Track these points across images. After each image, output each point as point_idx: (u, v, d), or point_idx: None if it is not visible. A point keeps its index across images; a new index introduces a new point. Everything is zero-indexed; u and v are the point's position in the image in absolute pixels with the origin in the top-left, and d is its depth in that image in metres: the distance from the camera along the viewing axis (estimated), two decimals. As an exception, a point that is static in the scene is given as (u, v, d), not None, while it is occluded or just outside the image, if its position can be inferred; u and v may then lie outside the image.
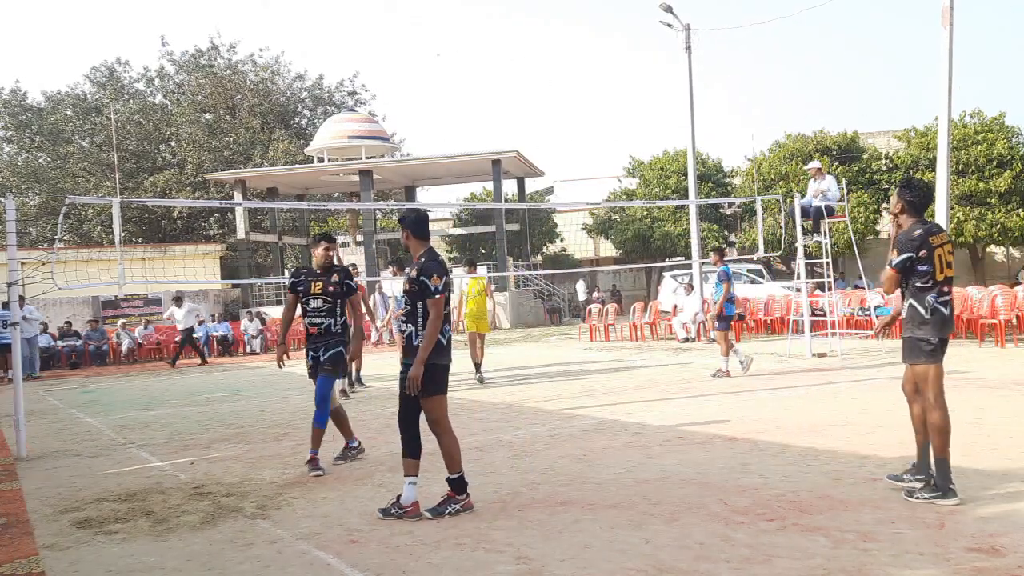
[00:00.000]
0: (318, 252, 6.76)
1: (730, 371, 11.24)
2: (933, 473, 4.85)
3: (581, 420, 8.30)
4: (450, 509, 5.01)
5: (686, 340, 18.15)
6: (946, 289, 4.89)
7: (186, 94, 43.17)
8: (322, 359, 6.58)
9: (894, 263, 4.90)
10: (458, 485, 5.07)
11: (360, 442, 7.04)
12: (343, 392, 10.44)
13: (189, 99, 42.41)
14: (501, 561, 4.18)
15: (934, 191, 4.96)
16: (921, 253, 4.81)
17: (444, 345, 5.04)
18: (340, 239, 34.68)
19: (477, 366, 12.11)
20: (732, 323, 11.69)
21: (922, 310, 4.86)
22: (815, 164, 14.41)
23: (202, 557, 4.52)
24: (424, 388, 4.96)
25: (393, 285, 11.14)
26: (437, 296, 4.94)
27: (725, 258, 11.78)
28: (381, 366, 16.40)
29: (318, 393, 6.55)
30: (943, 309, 4.86)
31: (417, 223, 5.21)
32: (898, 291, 5.05)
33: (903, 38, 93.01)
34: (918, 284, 4.87)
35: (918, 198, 5.00)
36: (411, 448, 5.10)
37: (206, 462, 7.18)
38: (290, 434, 8.44)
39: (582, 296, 32.03)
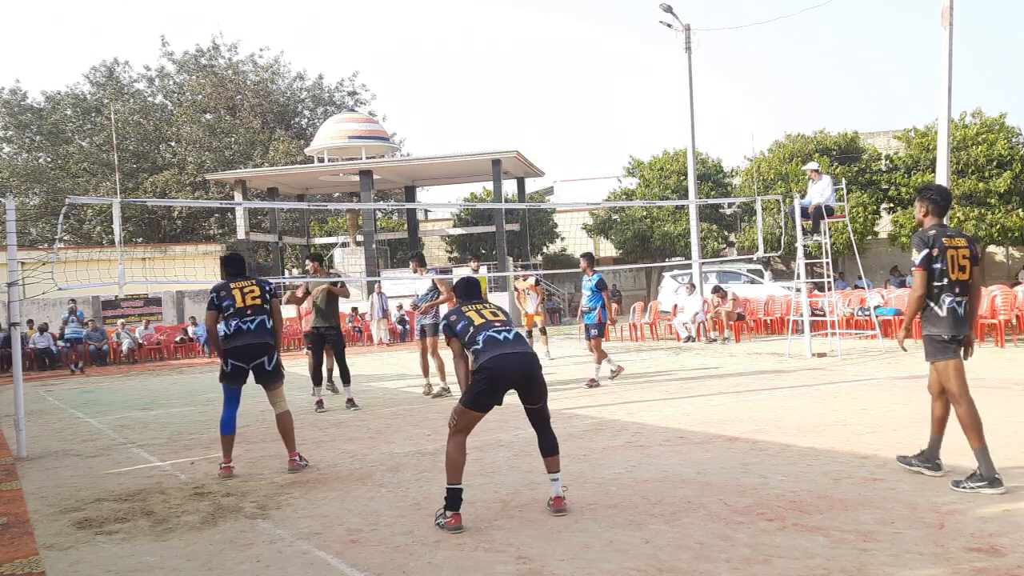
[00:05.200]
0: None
1: (599, 380, 10.99)
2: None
3: (581, 420, 8.30)
4: (438, 521, 4.81)
5: (688, 339, 18.15)
6: (958, 289, 5.06)
7: (186, 94, 43.18)
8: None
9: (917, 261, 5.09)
10: (448, 497, 4.81)
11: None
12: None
13: (189, 99, 42.42)
14: (501, 561, 4.18)
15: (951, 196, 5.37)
16: (935, 251, 5.01)
17: (481, 347, 4.92)
18: (340, 239, 34.74)
19: None
20: (606, 330, 11.43)
21: (937, 309, 5.07)
22: (812, 165, 14.42)
23: (202, 557, 4.52)
24: None
25: (416, 285, 11.06)
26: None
27: (596, 266, 11.24)
28: (380, 366, 16.40)
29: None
30: (958, 309, 5.06)
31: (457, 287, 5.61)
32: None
33: (903, 38, 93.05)
34: (934, 284, 5.06)
35: (943, 200, 5.23)
36: (541, 447, 5.12)
37: (206, 462, 7.18)
38: (290, 434, 8.43)
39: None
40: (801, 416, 7.82)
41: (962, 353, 5.15)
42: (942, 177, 16.04)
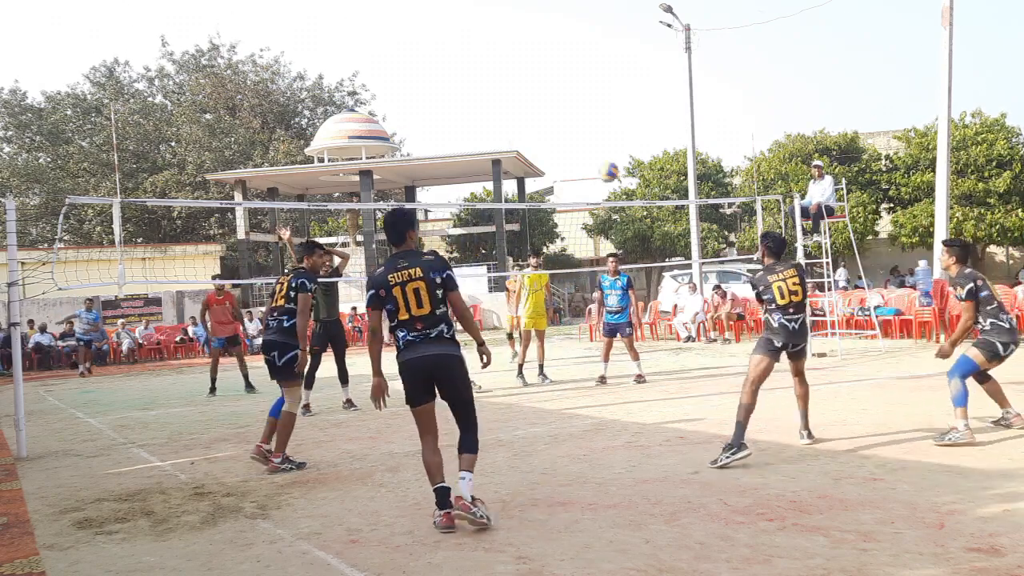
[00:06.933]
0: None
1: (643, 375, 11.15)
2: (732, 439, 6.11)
3: (581, 420, 8.30)
4: (434, 519, 4.78)
5: (688, 339, 18.14)
6: (792, 310, 6.32)
7: (186, 94, 43.17)
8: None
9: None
10: (436, 497, 4.77)
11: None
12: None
13: (189, 99, 42.41)
14: (501, 561, 4.18)
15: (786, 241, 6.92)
16: (761, 287, 6.43)
17: (400, 347, 4.87)
18: (340, 239, 34.73)
19: (540, 367, 11.68)
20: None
21: (772, 321, 6.39)
22: (818, 162, 14.42)
23: (202, 557, 4.52)
24: None
25: None
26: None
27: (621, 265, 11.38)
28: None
29: None
30: (788, 325, 6.32)
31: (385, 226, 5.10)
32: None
33: (903, 38, 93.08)
34: (769, 307, 6.42)
35: (776, 245, 6.60)
36: (460, 445, 4.92)
37: (206, 462, 7.18)
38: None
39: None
40: (801, 416, 7.80)
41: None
42: (942, 177, 16.03)
